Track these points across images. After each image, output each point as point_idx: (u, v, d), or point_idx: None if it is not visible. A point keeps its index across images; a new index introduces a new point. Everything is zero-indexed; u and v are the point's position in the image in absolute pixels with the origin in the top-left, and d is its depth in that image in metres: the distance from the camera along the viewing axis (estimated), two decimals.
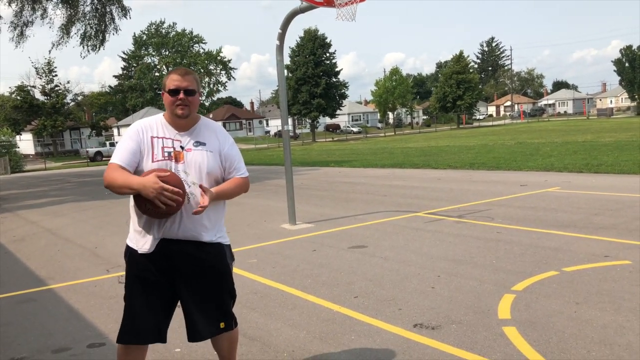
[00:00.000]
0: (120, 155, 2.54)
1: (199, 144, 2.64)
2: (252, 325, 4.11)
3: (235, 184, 2.71)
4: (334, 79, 55.63)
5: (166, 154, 2.57)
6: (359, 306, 4.38)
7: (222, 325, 2.74)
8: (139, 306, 2.62)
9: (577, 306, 4.06)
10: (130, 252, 2.68)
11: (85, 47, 25.07)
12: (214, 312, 2.70)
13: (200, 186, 2.53)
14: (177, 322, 4.26)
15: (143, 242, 2.60)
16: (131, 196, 2.57)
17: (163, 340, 2.71)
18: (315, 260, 6.01)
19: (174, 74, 2.60)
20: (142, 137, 2.59)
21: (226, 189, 2.66)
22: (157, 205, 2.39)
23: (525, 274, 4.94)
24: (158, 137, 2.60)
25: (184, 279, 2.64)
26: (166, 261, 2.60)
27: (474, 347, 3.46)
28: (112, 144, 46.95)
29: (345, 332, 3.86)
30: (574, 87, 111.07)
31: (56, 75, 50.67)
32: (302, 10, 7.76)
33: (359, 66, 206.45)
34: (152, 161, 2.54)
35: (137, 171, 2.55)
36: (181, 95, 2.56)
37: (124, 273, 6.09)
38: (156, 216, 2.48)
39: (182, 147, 2.60)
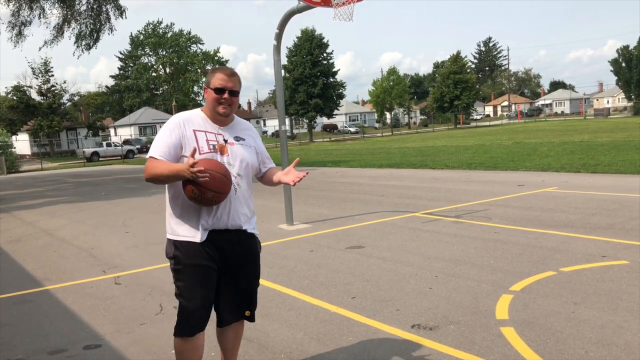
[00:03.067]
0: (159, 148, 2.63)
1: (239, 138, 2.80)
2: (249, 326, 4.08)
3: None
4: (332, 79, 55.65)
5: (211, 147, 2.67)
6: (357, 307, 4.36)
7: (247, 313, 2.90)
8: (201, 294, 2.67)
9: (575, 306, 4.05)
10: (177, 247, 2.70)
11: (80, 47, 24.96)
12: (245, 300, 2.86)
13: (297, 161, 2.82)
14: (174, 322, 4.24)
15: (194, 233, 2.67)
16: (169, 188, 2.72)
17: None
18: (312, 260, 6.00)
19: (220, 73, 2.70)
20: (182, 130, 2.67)
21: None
22: (203, 190, 2.48)
23: (523, 274, 4.93)
24: (200, 130, 2.70)
25: (228, 267, 2.75)
26: (216, 251, 2.70)
27: (472, 347, 3.45)
28: (109, 144, 46.75)
29: (342, 333, 3.85)
30: (571, 87, 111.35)
31: (52, 75, 50.45)
32: (299, 10, 7.75)
33: (356, 66, 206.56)
34: (199, 153, 2.62)
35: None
36: (226, 95, 2.68)
37: (120, 274, 6.03)
38: (203, 202, 2.55)
39: (225, 141, 2.73)
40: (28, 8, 23.52)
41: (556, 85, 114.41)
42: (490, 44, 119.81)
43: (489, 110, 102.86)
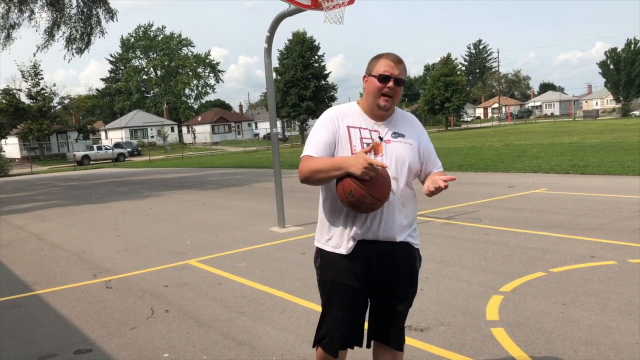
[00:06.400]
0: (314, 146, 2.36)
1: (397, 135, 2.43)
2: (240, 330, 4.09)
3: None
4: (323, 82, 55.69)
5: (365, 145, 2.36)
6: None
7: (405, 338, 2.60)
8: (341, 316, 2.46)
9: (564, 307, 4.09)
10: (322, 256, 2.51)
11: (70, 50, 24.81)
12: (402, 320, 2.55)
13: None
14: (165, 326, 4.23)
15: (339, 243, 2.41)
16: (322, 190, 2.45)
17: (360, 344, 2.58)
18: (304, 263, 6.00)
19: (386, 59, 2.37)
20: (337, 125, 2.38)
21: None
22: (363, 194, 2.18)
23: (513, 275, 4.97)
24: (354, 127, 2.39)
25: (377, 282, 2.46)
26: (363, 264, 2.41)
27: (463, 348, 3.48)
28: (100, 148, 46.50)
29: None
30: (561, 89, 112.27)
31: (42, 78, 50.16)
32: (289, 14, 7.77)
33: (347, 68, 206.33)
34: (352, 153, 2.34)
35: None
36: (391, 84, 2.33)
37: (111, 278, 6.01)
38: (358, 207, 2.25)
39: (380, 138, 2.40)
40: (17, 10, 23.38)
41: (546, 87, 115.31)
42: (481, 46, 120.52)
43: (479, 112, 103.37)
